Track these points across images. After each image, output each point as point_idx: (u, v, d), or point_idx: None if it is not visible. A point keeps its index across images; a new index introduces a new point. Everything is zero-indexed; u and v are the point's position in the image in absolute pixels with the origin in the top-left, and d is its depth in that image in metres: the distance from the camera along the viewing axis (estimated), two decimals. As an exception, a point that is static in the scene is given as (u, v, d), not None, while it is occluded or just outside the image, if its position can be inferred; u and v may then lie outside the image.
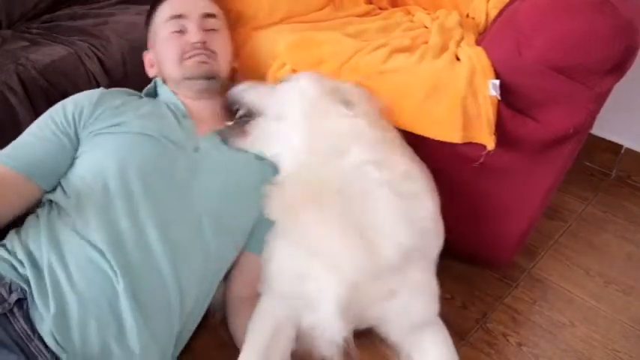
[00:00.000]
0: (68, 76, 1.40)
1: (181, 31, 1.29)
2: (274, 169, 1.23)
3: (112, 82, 1.46)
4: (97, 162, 1.14)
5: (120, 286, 1.01)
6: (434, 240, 1.20)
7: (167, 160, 1.17)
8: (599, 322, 1.42)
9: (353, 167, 1.12)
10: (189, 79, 1.30)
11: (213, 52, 1.31)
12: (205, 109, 1.32)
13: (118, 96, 1.26)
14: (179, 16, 1.29)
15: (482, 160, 1.23)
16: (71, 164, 1.17)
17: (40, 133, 1.17)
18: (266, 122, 1.25)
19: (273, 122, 1.24)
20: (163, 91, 1.34)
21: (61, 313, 0.99)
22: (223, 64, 1.34)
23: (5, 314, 0.97)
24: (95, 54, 1.45)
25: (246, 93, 1.29)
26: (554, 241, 1.68)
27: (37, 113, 1.32)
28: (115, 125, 1.18)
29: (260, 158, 1.26)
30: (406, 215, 1.10)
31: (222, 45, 1.34)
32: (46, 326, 0.98)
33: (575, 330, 1.40)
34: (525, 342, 1.37)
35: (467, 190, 1.35)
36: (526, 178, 1.29)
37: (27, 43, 1.42)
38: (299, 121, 1.18)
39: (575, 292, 1.51)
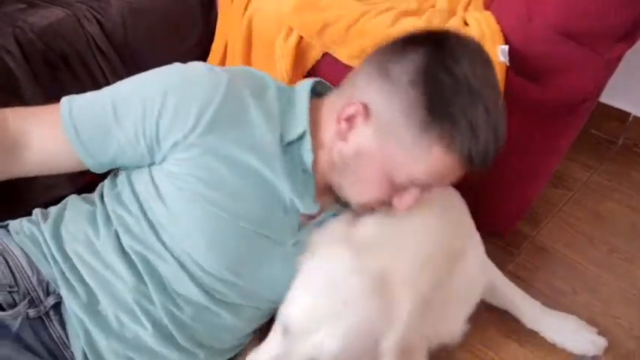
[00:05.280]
0: (66, 39, 1.38)
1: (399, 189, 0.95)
2: None
3: (112, 45, 1.44)
4: (180, 220, 0.93)
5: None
6: None
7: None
8: (601, 290, 1.43)
9: None
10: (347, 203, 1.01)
11: None
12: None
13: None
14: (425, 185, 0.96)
15: (489, 127, 1.22)
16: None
17: None
18: None
19: None
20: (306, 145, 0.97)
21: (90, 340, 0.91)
22: None
23: (40, 317, 0.90)
24: (94, 16, 1.43)
25: None
26: (558, 209, 1.68)
27: (35, 76, 1.31)
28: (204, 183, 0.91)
29: None
30: None
31: None
32: (78, 344, 0.91)
33: (576, 297, 1.41)
34: (527, 309, 1.38)
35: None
36: (534, 145, 1.27)
37: (24, 5, 1.40)
38: None
39: (578, 260, 1.52)
